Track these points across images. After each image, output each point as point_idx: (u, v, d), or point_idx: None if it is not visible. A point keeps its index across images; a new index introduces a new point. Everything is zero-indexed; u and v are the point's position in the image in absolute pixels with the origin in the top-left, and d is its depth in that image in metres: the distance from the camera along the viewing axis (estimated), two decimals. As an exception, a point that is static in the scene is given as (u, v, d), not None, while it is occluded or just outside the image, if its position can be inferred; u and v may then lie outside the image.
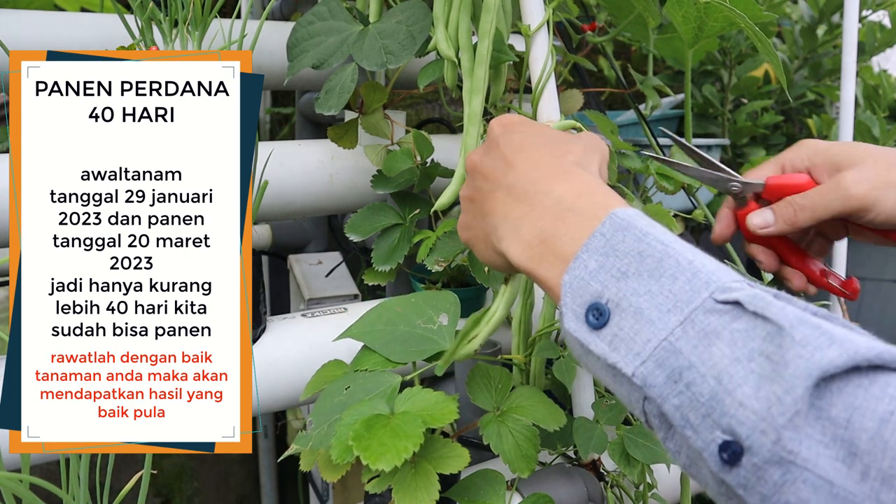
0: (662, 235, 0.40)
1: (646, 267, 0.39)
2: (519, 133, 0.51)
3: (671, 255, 0.39)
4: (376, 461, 0.46)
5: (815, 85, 1.70)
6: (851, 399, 0.32)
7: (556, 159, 0.48)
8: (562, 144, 0.50)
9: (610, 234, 0.41)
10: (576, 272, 0.41)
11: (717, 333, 0.36)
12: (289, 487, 1.48)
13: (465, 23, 0.69)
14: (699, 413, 0.35)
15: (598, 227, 0.41)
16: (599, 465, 0.71)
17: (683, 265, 0.38)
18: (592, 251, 0.41)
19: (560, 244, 0.43)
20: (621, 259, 0.40)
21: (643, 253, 0.40)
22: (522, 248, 0.46)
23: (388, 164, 0.76)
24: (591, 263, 0.41)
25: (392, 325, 0.60)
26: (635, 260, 0.40)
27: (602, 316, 0.40)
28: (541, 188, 0.46)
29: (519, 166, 0.48)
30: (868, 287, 1.65)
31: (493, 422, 0.57)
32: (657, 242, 0.40)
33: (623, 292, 0.39)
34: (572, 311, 0.41)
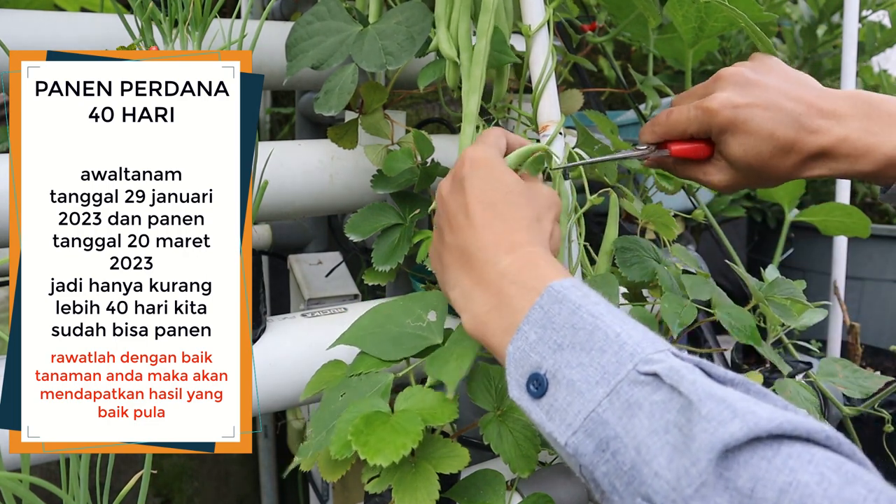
0: (594, 307, 0.43)
1: (578, 339, 0.42)
2: (480, 181, 0.53)
3: (600, 328, 0.42)
4: (374, 456, 0.46)
5: (815, 85, 1.69)
6: (755, 470, 0.34)
7: (509, 223, 0.51)
8: (518, 203, 0.52)
9: (547, 306, 0.44)
10: (518, 343, 0.45)
11: (638, 405, 0.39)
12: (289, 487, 1.48)
13: (465, 23, 0.69)
14: (623, 481, 0.38)
15: (538, 300, 0.45)
16: (599, 465, 0.71)
17: (611, 338, 0.41)
18: (532, 323, 0.44)
19: (504, 317, 0.47)
20: (557, 331, 0.43)
21: (576, 326, 0.43)
22: (472, 319, 0.49)
23: (388, 164, 0.76)
24: (531, 335, 0.44)
25: (382, 328, 0.61)
26: (569, 332, 0.43)
27: (540, 386, 0.43)
28: (490, 257, 0.49)
29: (475, 224, 0.51)
30: (868, 287, 1.65)
31: (494, 422, 0.57)
32: (588, 315, 0.43)
33: (558, 364, 0.42)
34: (515, 381, 0.44)
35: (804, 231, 1.64)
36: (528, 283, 0.46)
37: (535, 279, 0.46)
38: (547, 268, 0.47)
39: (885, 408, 1.01)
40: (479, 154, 0.55)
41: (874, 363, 1.41)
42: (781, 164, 0.58)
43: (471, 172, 0.54)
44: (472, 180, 0.53)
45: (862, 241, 1.30)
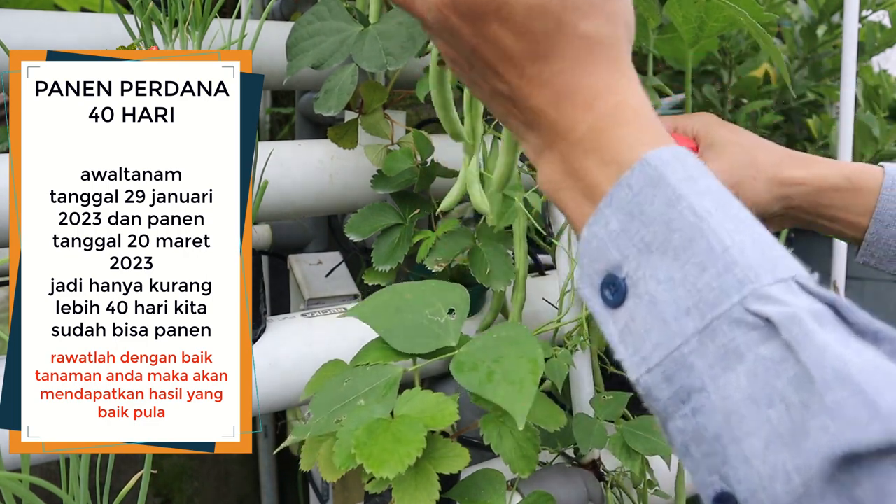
0: (699, 200, 0.32)
1: (672, 243, 0.31)
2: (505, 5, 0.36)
3: (704, 234, 0.31)
4: (380, 469, 0.46)
5: (815, 85, 1.70)
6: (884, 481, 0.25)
7: (569, 62, 0.36)
8: (574, 19, 0.36)
9: (638, 187, 0.33)
10: (595, 228, 0.34)
11: (739, 355, 0.29)
12: (289, 487, 1.48)
13: (465, 23, 0.69)
14: (701, 449, 0.30)
15: (626, 175, 0.33)
16: (599, 464, 0.71)
17: (716, 251, 0.30)
18: (616, 206, 0.34)
19: (582, 189, 0.36)
20: (647, 225, 0.32)
21: (671, 224, 0.32)
22: (545, 180, 0.38)
23: (388, 164, 0.76)
24: (612, 222, 0.34)
25: (399, 312, 0.59)
26: (662, 230, 0.32)
27: (617, 293, 0.33)
28: (554, 119, 0.37)
29: (524, 74, 0.37)
30: (868, 287, 1.65)
31: (494, 422, 0.57)
32: (689, 212, 0.31)
33: (643, 270, 0.32)
34: (588, 277, 0.35)
35: (804, 231, 1.63)
36: (613, 151, 0.35)
37: (624, 146, 0.34)
38: (640, 125, 0.35)
39: (885, 408, 1.01)
40: None
41: (874, 363, 1.41)
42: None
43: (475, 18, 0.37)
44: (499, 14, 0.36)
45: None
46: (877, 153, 1.49)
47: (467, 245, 0.72)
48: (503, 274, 0.70)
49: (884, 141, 1.48)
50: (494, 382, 0.52)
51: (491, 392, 0.51)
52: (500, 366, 0.53)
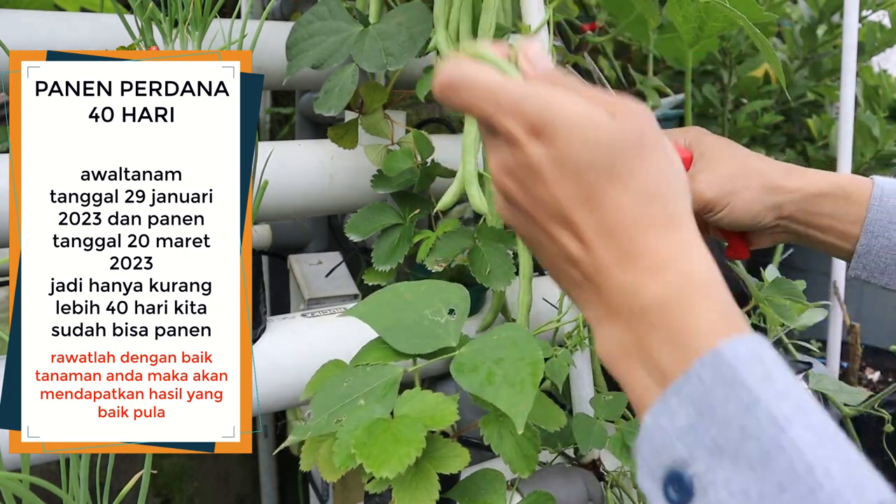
0: (778, 407, 0.29)
1: (747, 452, 0.29)
2: (575, 158, 0.35)
3: (784, 449, 0.28)
4: (379, 469, 0.46)
5: (815, 85, 1.70)
6: None
7: (632, 225, 0.35)
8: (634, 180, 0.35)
9: (710, 382, 0.31)
10: (661, 419, 0.32)
11: None
12: (289, 487, 1.48)
13: (465, 23, 0.69)
14: None
15: (697, 366, 0.31)
16: (599, 464, 0.71)
17: (798, 471, 0.27)
18: (684, 398, 0.31)
19: (648, 364, 0.34)
20: (719, 427, 0.30)
21: (747, 430, 0.29)
22: (604, 352, 0.36)
23: (388, 164, 0.76)
24: (680, 416, 0.31)
25: (399, 312, 0.59)
26: (736, 435, 0.29)
27: (682, 491, 0.30)
28: (618, 285, 0.35)
29: (591, 240, 0.36)
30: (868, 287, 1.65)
31: (494, 422, 0.57)
32: (768, 421, 0.29)
33: (713, 476, 0.29)
34: (649, 468, 0.32)
35: (804, 231, 1.63)
36: (683, 333, 0.32)
37: (696, 330, 0.32)
38: (711, 304, 0.33)
39: (885, 408, 1.01)
40: (544, 115, 0.35)
41: (874, 363, 1.41)
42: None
43: (542, 141, 0.35)
44: (544, 171, 0.36)
45: (862, 241, 1.30)
46: (877, 153, 1.49)
47: (467, 245, 0.72)
48: (503, 274, 0.69)
49: (884, 141, 1.48)
50: (495, 385, 0.52)
51: (491, 394, 0.51)
52: (500, 367, 0.53)
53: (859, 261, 0.60)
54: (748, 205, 0.58)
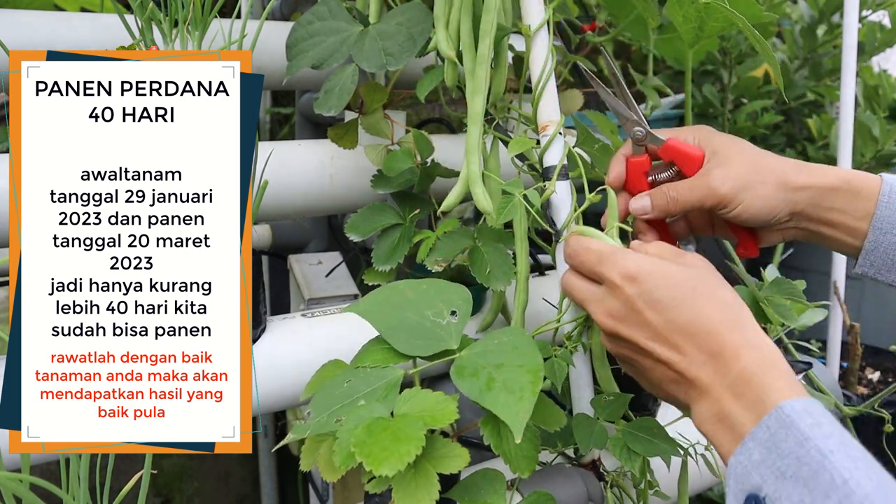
0: (824, 442, 0.41)
1: (802, 473, 0.41)
2: (658, 294, 0.51)
3: (826, 469, 0.40)
4: (379, 467, 0.46)
5: (815, 85, 1.70)
6: None
7: (713, 334, 0.49)
8: (706, 302, 0.51)
9: (774, 428, 0.43)
10: (741, 458, 0.44)
11: None
12: (289, 487, 1.48)
13: (466, 23, 0.69)
14: None
15: (765, 419, 0.44)
16: (599, 464, 0.71)
17: (837, 483, 0.39)
18: (757, 441, 0.44)
19: (732, 425, 0.47)
20: (782, 458, 0.42)
21: (801, 459, 0.41)
22: (699, 420, 0.49)
23: (388, 164, 0.76)
24: (755, 454, 0.44)
25: (401, 311, 0.59)
26: (794, 463, 0.41)
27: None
28: (717, 369, 0.48)
29: (683, 344, 0.50)
30: (868, 287, 1.65)
31: (494, 422, 0.57)
32: (815, 451, 0.41)
33: (779, 494, 0.41)
34: (734, 494, 0.44)
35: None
36: (758, 394, 0.46)
37: (765, 392, 0.46)
38: (777, 378, 0.46)
39: (885, 408, 1.01)
40: (628, 267, 0.53)
41: (874, 363, 1.41)
42: None
43: (636, 297, 0.52)
44: (642, 306, 0.52)
45: (862, 241, 1.30)
46: (877, 153, 1.49)
47: (467, 245, 0.72)
48: (503, 274, 0.69)
49: (884, 141, 1.48)
50: (494, 390, 0.52)
51: (490, 401, 0.52)
52: (500, 373, 0.53)
53: (867, 257, 0.60)
54: (764, 200, 0.59)
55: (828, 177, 0.60)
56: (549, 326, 0.68)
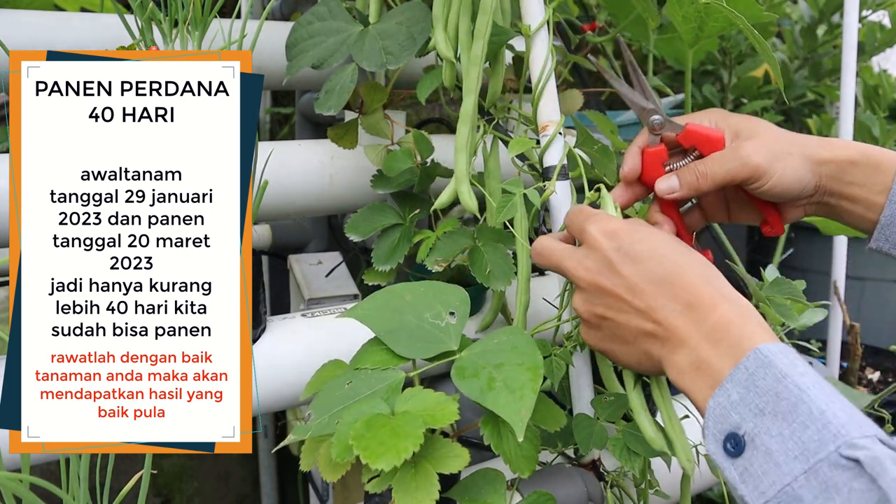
0: (801, 378, 0.43)
1: (781, 408, 0.42)
2: (638, 247, 0.53)
3: (805, 402, 0.41)
4: (376, 461, 0.46)
5: (815, 85, 1.70)
6: None
7: (690, 289, 0.50)
8: (683, 261, 0.52)
9: (753, 368, 0.44)
10: (719, 399, 0.45)
11: (836, 488, 0.38)
12: (289, 487, 1.48)
13: (464, 23, 0.69)
14: None
15: (743, 360, 0.45)
16: (599, 464, 0.71)
17: (815, 414, 0.41)
18: (736, 382, 0.45)
19: (709, 371, 0.47)
20: (760, 396, 0.43)
21: (780, 395, 0.42)
22: (676, 371, 0.50)
23: (388, 164, 0.76)
24: (733, 394, 0.45)
25: (400, 314, 0.59)
26: (772, 399, 0.43)
27: (738, 446, 0.43)
28: (694, 318, 0.49)
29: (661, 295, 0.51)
30: (868, 287, 1.65)
31: (494, 422, 0.57)
32: (794, 387, 0.42)
33: (758, 429, 0.43)
34: (713, 436, 0.45)
35: (804, 231, 1.64)
36: (735, 340, 0.47)
37: (742, 337, 0.46)
38: (754, 325, 0.47)
39: (885, 408, 1.01)
40: (608, 225, 0.55)
41: (874, 363, 1.41)
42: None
43: (619, 244, 0.53)
44: (620, 259, 0.53)
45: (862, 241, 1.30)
46: (877, 153, 1.49)
47: (467, 245, 0.72)
48: (503, 274, 0.69)
49: (884, 141, 1.48)
50: (495, 390, 0.52)
51: (491, 401, 0.52)
52: (500, 373, 0.53)
53: (882, 231, 0.60)
54: (795, 171, 0.58)
55: (848, 150, 0.60)
56: (548, 325, 0.68)
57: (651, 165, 0.63)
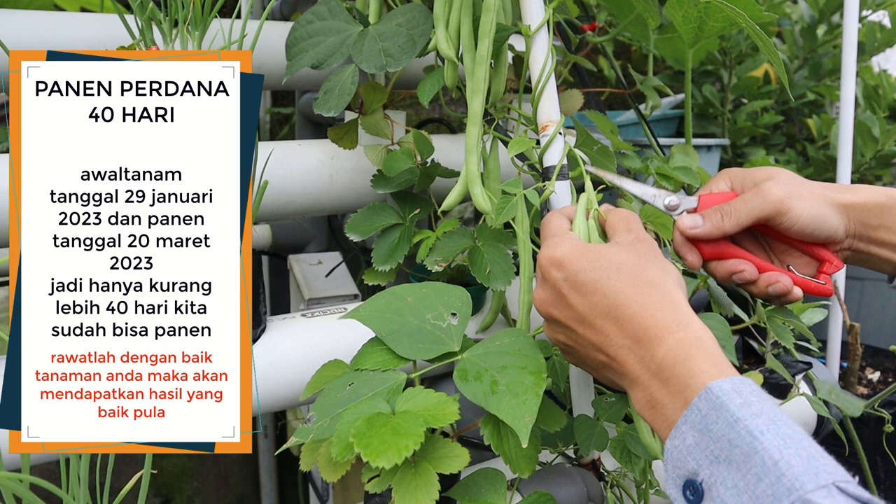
0: (753, 421, 0.41)
1: (735, 456, 0.41)
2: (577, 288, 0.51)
3: (757, 452, 0.40)
4: (377, 458, 0.46)
5: (815, 85, 1.70)
6: None
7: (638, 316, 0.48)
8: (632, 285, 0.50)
9: (706, 410, 0.43)
10: (675, 442, 0.44)
11: None
12: (289, 487, 1.48)
13: (466, 23, 0.69)
14: None
15: (695, 401, 0.43)
16: (599, 464, 0.71)
17: (769, 465, 0.39)
18: (690, 425, 0.43)
19: (663, 411, 0.46)
20: (715, 442, 0.42)
21: (733, 441, 0.41)
22: (637, 406, 0.49)
23: (388, 164, 0.76)
24: (688, 438, 0.43)
25: (401, 316, 0.59)
26: (726, 446, 0.41)
27: (696, 494, 0.42)
28: (641, 355, 0.48)
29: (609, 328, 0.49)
30: (868, 287, 1.65)
31: (494, 422, 0.57)
32: (746, 433, 0.40)
33: (714, 478, 0.41)
34: (672, 480, 0.44)
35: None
36: (682, 381, 0.45)
37: (691, 376, 0.45)
38: (702, 360, 0.45)
39: (885, 408, 1.01)
40: (555, 253, 0.53)
41: (874, 363, 1.41)
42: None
43: (567, 275, 0.52)
44: (567, 290, 0.52)
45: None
46: (877, 153, 1.49)
47: (467, 245, 0.72)
48: (503, 274, 0.69)
49: (884, 141, 1.48)
50: (498, 394, 0.52)
51: (495, 405, 0.52)
52: (503, 376, 0.53)
53: None
54: (814, 208, 0.58)
55: (875, 194, 0.60)
56: (549, 326, 0.68)
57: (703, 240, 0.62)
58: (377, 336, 0.59)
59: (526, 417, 0.50)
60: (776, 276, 0.61)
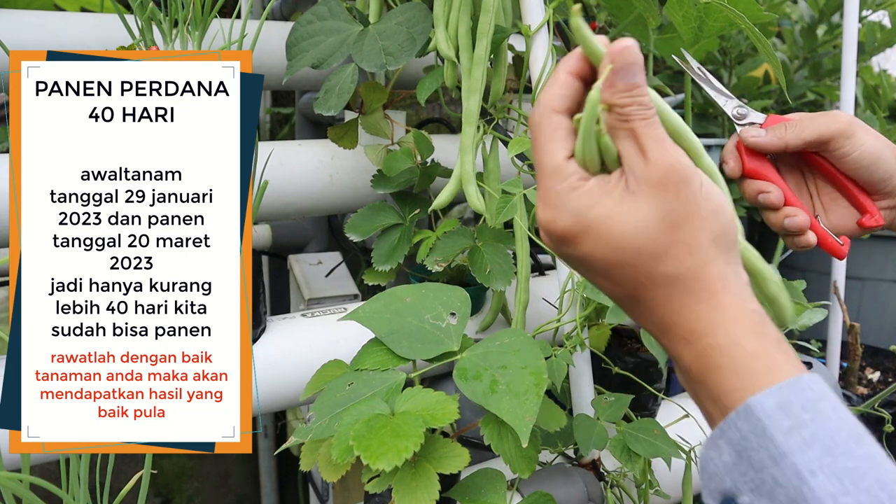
0: (802, 457, 0.34)
1: (779, 497, 0.35)
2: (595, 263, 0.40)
3: (808, 500, 0.34)
4: (376, 461, 0.46)
5: (815, 85, 1.70)
6: None
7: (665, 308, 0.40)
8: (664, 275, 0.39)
9: (745, 431, 0.36)
10: (711, 452, 0.38)
11: None
12: (289, 487, 1.48)
13: (465, 23, 0.69)
14: None
15: (733, 416, 0.37)
16: (599, 464, 0.71)
17: None
18: (728, 441, 0.37)
19: (699, 402, 0.40)
20: (756, 472, 0.36)
21: (777, 480, 0.35)
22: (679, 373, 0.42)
23: (388, 164, 0.76)
24: (725, 455, 0.37)
25: (400, 316, 0.59)
26: (769, 481, 0.35)
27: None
28: (667, 343, 0.41)
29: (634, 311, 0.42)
30: (868, 287, 1.65)
31: (494, 422, 0.57)
32: (794, 475, 0.34)
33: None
34: (709, 490, 0.38)
35: (804, 231, 1.63)
36: (716, 392, 0.38)
37: (725, 390, 0.38)
38: (737, 368, 0.38)
39: (885, 408, 1.01)
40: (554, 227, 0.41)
41: (874, 363, 1.41)
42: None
43: (572, 258, 0.41)
44: (582, 270, 0.42)
45: (862, 240, 1.30)
46: (877, 153, 1.49)
47: (467, 245, 0.72)
48: (503, 274, 0.70)
49: (884, 141, 1.48)
50: (498, 393, 0.52)
51: (495, 404, 0.52)
52: (503, 376, 0.53)
53: None
54: (876, 143, 0.58)
55: None
56: (549, 326, 0.68)
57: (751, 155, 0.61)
58: (377, 336, 0.59)
59: (527, 417, 0.50)
60: (797, 212, 0.60)
